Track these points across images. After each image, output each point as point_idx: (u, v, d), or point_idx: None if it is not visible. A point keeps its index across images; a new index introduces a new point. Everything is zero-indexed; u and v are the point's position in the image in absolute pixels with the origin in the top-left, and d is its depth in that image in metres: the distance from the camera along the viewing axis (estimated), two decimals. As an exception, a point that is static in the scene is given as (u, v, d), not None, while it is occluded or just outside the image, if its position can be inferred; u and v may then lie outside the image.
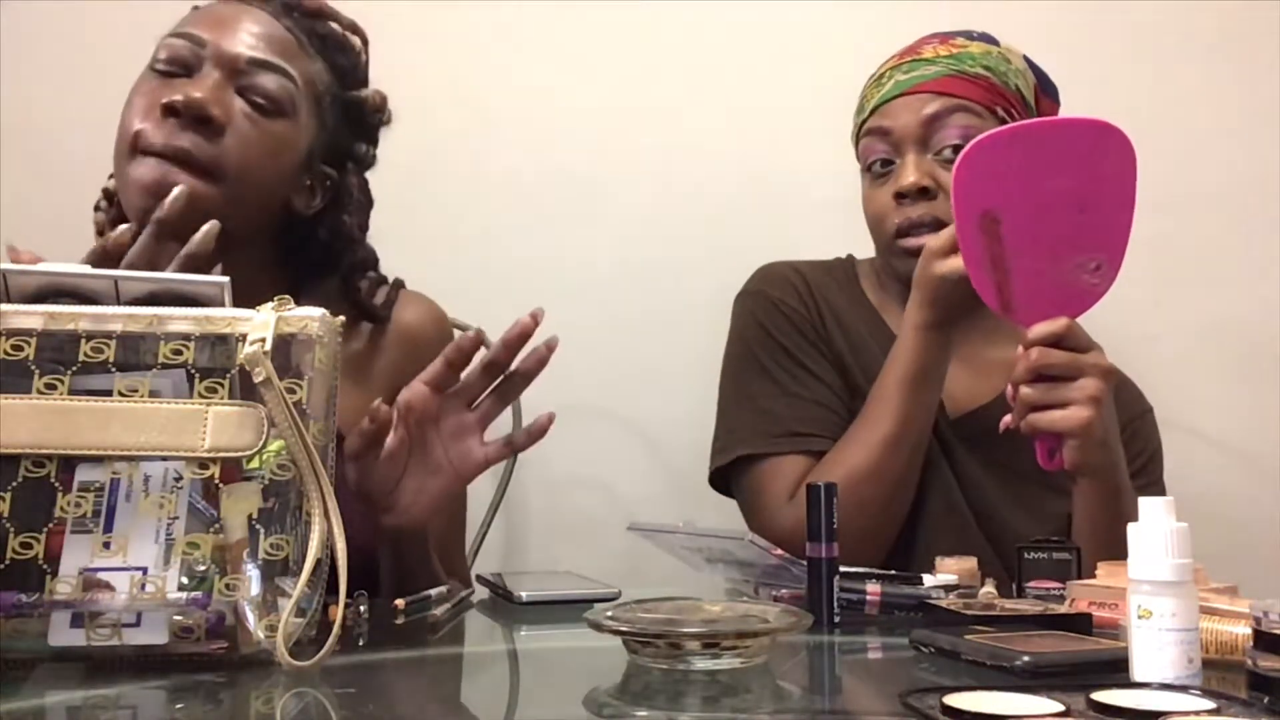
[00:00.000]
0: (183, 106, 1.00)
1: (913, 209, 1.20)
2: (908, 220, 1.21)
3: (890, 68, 1.26)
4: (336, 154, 1.13)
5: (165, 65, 1.04)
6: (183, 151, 1.00)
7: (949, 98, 1.21)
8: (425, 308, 1.21)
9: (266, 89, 1.04)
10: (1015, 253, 1.00)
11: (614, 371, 1.63)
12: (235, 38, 1.04)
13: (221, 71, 1.03)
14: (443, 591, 0.95)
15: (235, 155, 1.02)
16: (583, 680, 0.73)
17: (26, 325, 0.73)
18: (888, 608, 0.88)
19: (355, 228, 1.15)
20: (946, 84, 1.22)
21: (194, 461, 0.71)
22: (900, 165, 1.22)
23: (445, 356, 0.95)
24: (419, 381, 0.95)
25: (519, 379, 0.98)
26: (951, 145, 1.19)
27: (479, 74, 1.68)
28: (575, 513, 1.35)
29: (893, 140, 1.23)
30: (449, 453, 0.97)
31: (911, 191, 1.20)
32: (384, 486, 0.95)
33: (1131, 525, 0.65)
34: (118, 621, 0.68)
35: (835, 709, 0.69)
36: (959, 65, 1.22)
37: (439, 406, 0.96)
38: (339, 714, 0.65)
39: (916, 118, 1.21)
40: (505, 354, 0.96)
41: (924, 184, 1.20)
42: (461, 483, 0.99)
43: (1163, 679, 0.61)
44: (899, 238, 1.22)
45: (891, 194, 1.22)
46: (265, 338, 0.73)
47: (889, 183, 1.23)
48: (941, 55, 1.23)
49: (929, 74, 1.22)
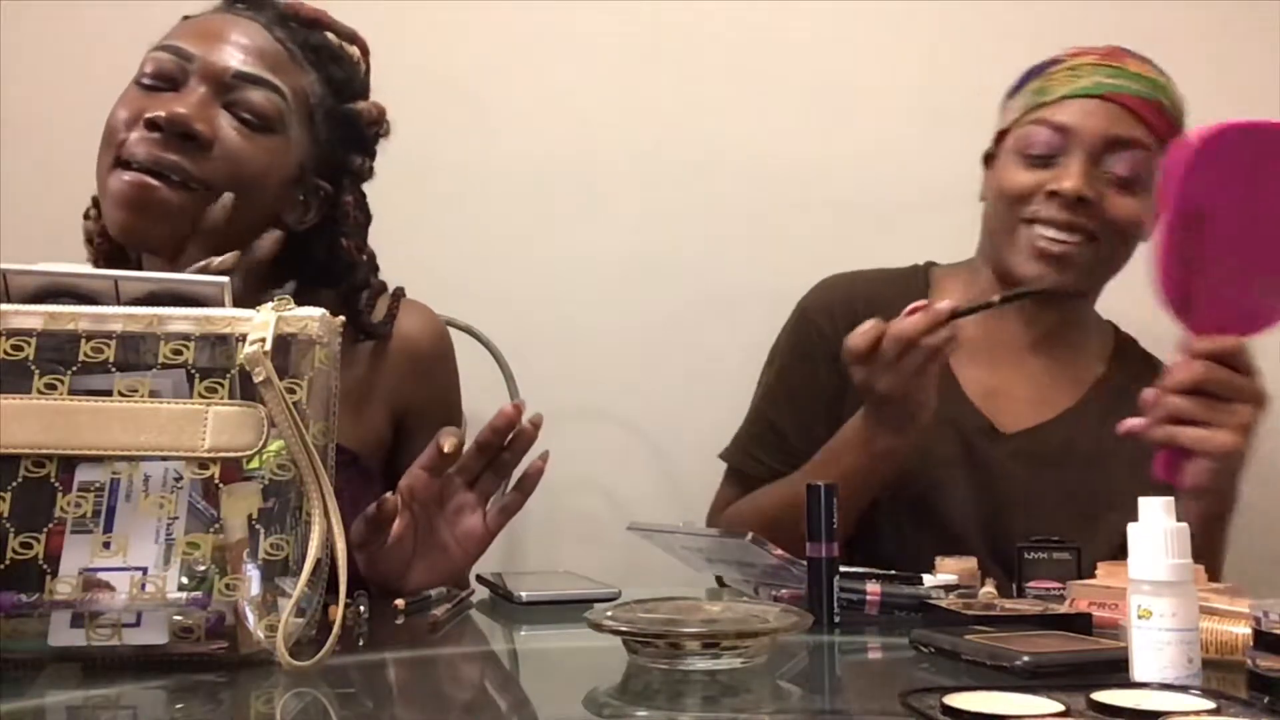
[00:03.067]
0: (165, 122, 0.98)
1: (1060, 213, 1.16)
2: (1050, 220, 1.17)
3: (1091, 64, 1.20)
4: (331, 167, 1.11)
5: (151, 79, 1.02)
6: (166, 165, 0.98)
7: (1142, 125, 1.17)
8: (426, 321, 1.20)
9: (253, 103, 1.02)
10: (1214, 258, 0.94)
11: (614, 372, 1.63)
12: (223, 51, 1.02)
13: (208, 86, 1.01)
14: (443, 591, 0.96)
15: (222, 171, 1.00)
16: (583, 680, 0.73)
17: (26, 325, 0.73)
18: (888, 608, 0.88)
19: (353, 249, 1.13)
20: (1147, 109, 1.18)
21: (194, 461, 0.71)
22: (1065, 165, 1.17)
23: (437, 444, 0.97)
24: (418, 467, 0.98)
25: (510, 458, 1.01)
26: (1119, 174, 1.16)
27: (480, 73, 1.68)
28: (575, 513, 1.35)
29: (1068, 138, 1.17)
30: (454, 531, 1.00)
31: (1072, 195, 1.15)
32: (394, 570, 0.98)
33: (1131, 525, 0.65)
34: (118, 621, 0.68)
35: (835, 709, 0.69)
36: (1162, 94, 1.19)
37: (440, 488, 0.99)
38: (339, 714, 0.65)
39: (1105, 127, 1.17)
40: (494, 437, 0.99)
41: (1088, 194, 1.15)
42: (469, 559, 1.02)
43: (1163, 679, 0.61)
44: (1034, 223, 1.18)
45: (1044, 186, 1.17)
46: (265, 338, 0.73)
47: (1044, 174, 1.18)
48: (1146, 75, 1.20)
49: (1134, 89, 1.18)
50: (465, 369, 1.27)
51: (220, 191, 1.00)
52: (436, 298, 1.25)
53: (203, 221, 0.97)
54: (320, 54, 1.10)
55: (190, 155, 0.99)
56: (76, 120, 1.05)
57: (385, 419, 1.17)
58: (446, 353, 1.22)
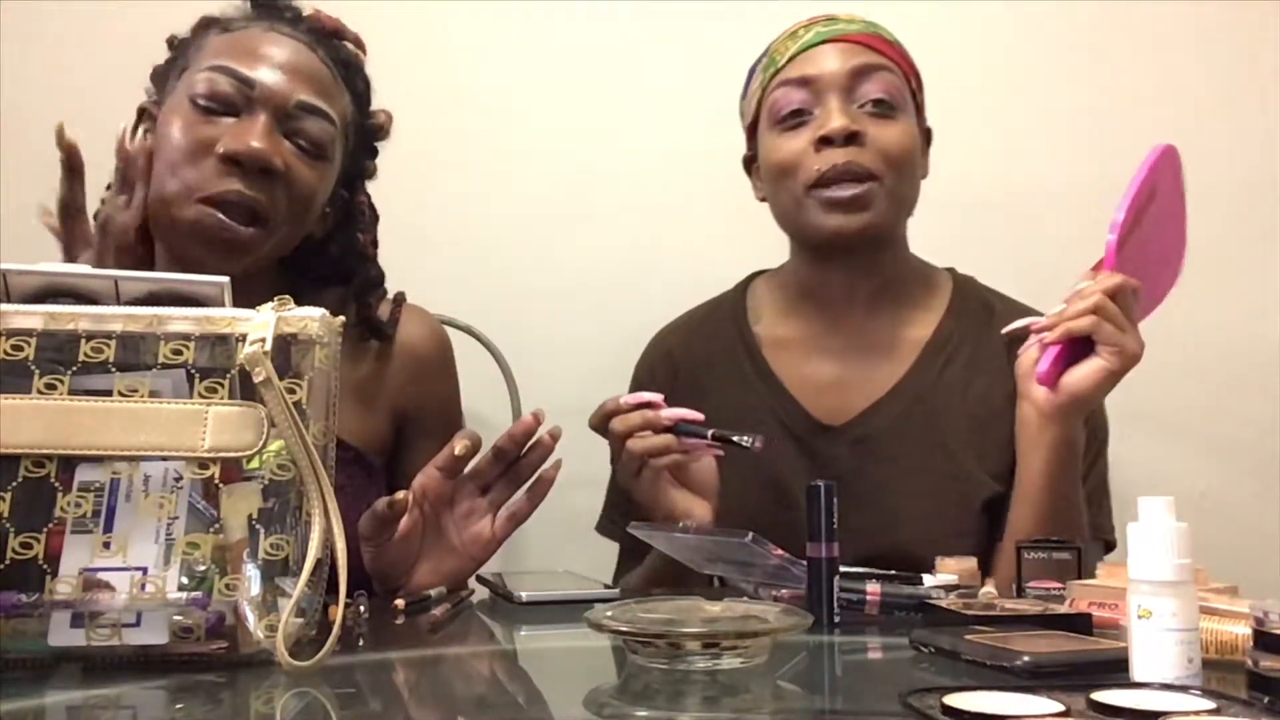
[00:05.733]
0: (246, 159, 0.99)
1: (838, 154, 1.14)
2: (832, 168, 1.14)
3: (806, 24, 1.23)
4: (350, 176, 1.14)
5: (208, 102, 1.02)
6: (248, 201, 1.00)
7: (874, 53, 1.19)
8: (427, 325, 1.22)
9: (311, 134, 1.04)
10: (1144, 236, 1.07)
11: (614, 372, 1.63)
12: (281, 78, 1.03)
13: (269, 114, 1.02)
14: (442, 591, 0.96)
15: (284, 201, 1.02)
16: (583, 680, 0.73)
17: (26, 325, 0.73)
18: (888, 608, 0.88)
19: (368, 245, 1.16)
20: (871, 40, 1.20)
21: (194, 461, 0.71)
22: (823, 112, 1.16)
23: (451, 446, 0.97)
24: (433, 466, 0.98)
25: (525, 467, 1.01)
26: (874, 99, 1.16)
27: (480, 74, 1.68)
28: (575, 513, 1.35)
29: (815, 88, 1.17)
30: (461, 535, 1.00)
31: (840, 136, 1.14)
32: (399, 568, 0.98)
33: (1131, 525, 0.65)
34: (118, 621, 0.68)
35: (835, 709, 0.69)
36: (877, 30, 1.22)
37: (452, 490, 1.00)
38: (339, 714, 0.65)
39: (844, 66, 1.17)
40: (512, 445, 1.00)
41: (855, 128, 1.14)
42: (475, 564, 1.02)
43: (1163, 679, 0.61)
44: (817, 187, 1.16)
45: (810, 140, 1.16)
46: (265, 338, 0.73)
47: (806, 130, 1.17)
48: (856, 19, 1.22)
49: (853, 29, 1.20)
50: (465, 369, 1.27)
51: (285, 220, 1.03)
52: (437, 298, 1.25)
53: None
54: (349, 70, 1.12)
55: (266, 190, 1.01)
56: (77, 120, 1.05)
57: (387, 420, 1.18)
58: (447, 357, 1.24)
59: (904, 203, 1.21)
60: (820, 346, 1.25)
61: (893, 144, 1.16)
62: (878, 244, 1.20)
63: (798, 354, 1.25)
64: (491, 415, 1.53)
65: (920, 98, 1.24)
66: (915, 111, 1.22)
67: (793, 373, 1.24)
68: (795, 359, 1.25)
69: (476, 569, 1.04)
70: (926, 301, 1.26)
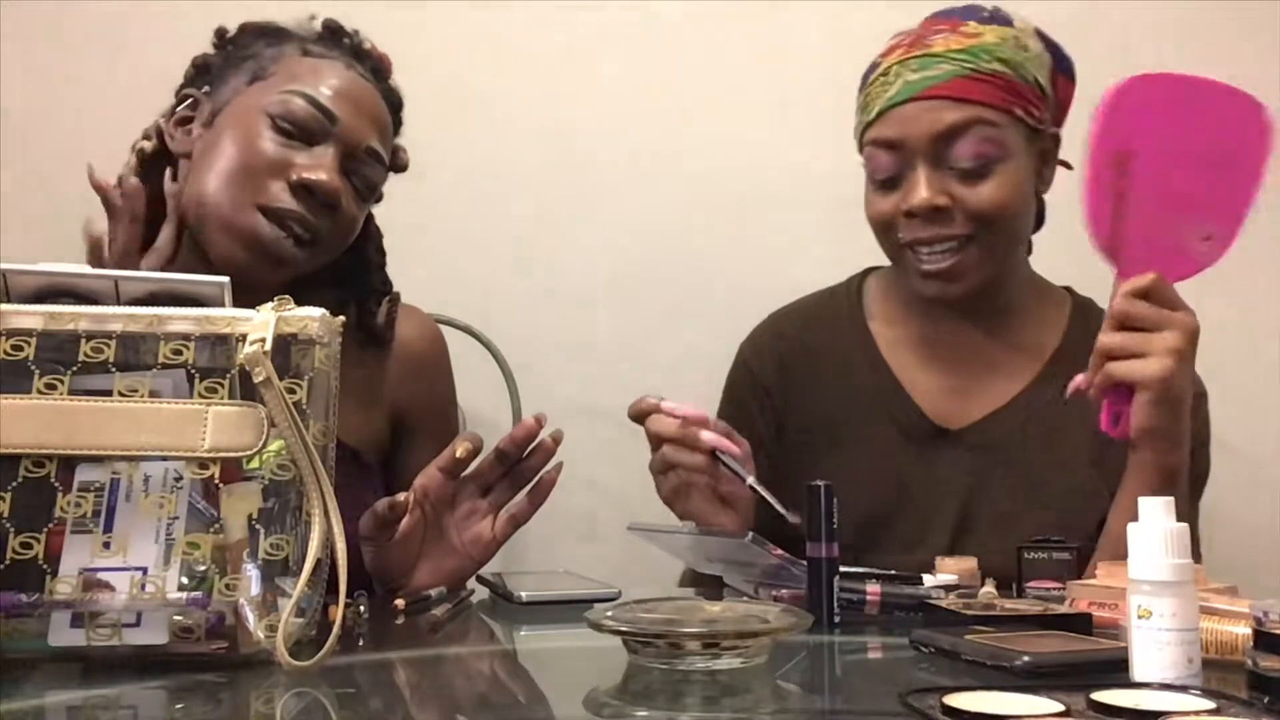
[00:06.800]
0: (320, 191, 1.03)
1: (924, 230, 1.12)
2: (918, 241, 1.13)
3: (897, 62, 1.14)
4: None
5: (287, 124, 1.04)
6: (308, 227, 1.03)
7: (965, 105, 1.10)
8: (423, 325, 1.23)
9: (369, 177, 1.09)
10: (1140, 197, 0.98)
11: (614, 372, 1.63)
12: (361, 122, 1.07)
13: (339, 152, 1.06)
14: (442, 591, 0.96)
15: (334, 233, 1.06)
16: (583, 680, 0.73)
17: (26, 325, 0.73)
18: (888, 608, 0.88)
19: (379, 256, 1.19)
20: (961, 87, 1.10)
21: (194, 461, 0.71)
22: (911, 180, 1.12)
23: (453, 447, 0.98)
24: (434, 467, 0.99)
25: (527, 470, 1.02)
26: (967, 162, 1.10)
27: (480, 75, 1.68)
28: (575, 513, 1.35)
29: (903, 154, 1.12)
30: (461, 536, 1.01)
31: (923, 211, 1.11)
32: (399, 568, 0.99)
33: (1131, 525, 0.65)
34: (118, 621, 0.68)
35: (835, 709, 0.69)
36: (973, 62, 1.10)
37: (453, 491, 1.00)
38: (339, 714, 0.65)
39: (929, 130, 1.10)
40: (513, 448, 1.00)
41: (937, 203, 1.10)
42: (475, 564, 1.02)
43: (1163, 679, 0.61)
44: (912, 249, 1.14)
45: (899, 208, 1.13)
46: (265, 338, 0.73)
47: (896, 194, 1.14)
48: (954, 50, 1.11)
49: (941, 75, 1.11)
50: (465, 369, 1.27)
51: (327, 249, 1.07)
52: (437, 298, 1.25)
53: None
54: (397, 111, 1.15)
55: (325, 219, 1.05)
56: (76, 120, 1.05)
57: (384, 420, 1.19)
58: (443, 356, 1.25)
59: (1009, 247, 1.18)
60: (937, 354, 1.23)
61: (984, 205, 1.11)
62: (984, 289, 1.18)
63: (914, 356, 1.23)
64: (492, 416, 1.53)
65: (1037, 112, 1.14)
66: (1027, 135, 1.14)
67: (910, 373, 1.23)
68: (912, 360, 1.23)
69: (476, 569, 1.04)
70: (1044, 318, 1.24)
